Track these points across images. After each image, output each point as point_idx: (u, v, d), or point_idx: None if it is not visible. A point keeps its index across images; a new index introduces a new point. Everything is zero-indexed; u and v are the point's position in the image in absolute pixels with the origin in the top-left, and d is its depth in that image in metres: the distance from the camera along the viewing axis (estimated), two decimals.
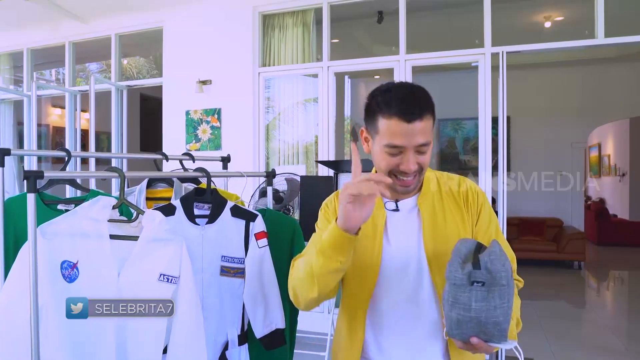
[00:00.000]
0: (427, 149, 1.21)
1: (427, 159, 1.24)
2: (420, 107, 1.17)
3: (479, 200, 1.34)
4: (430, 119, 1.19)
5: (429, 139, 1.20)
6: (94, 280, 1.34)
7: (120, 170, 1.33)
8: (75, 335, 1.36)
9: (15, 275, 1.32)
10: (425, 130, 1.18)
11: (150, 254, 1.33)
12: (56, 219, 1.35)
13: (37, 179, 1.19)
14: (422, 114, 1.17)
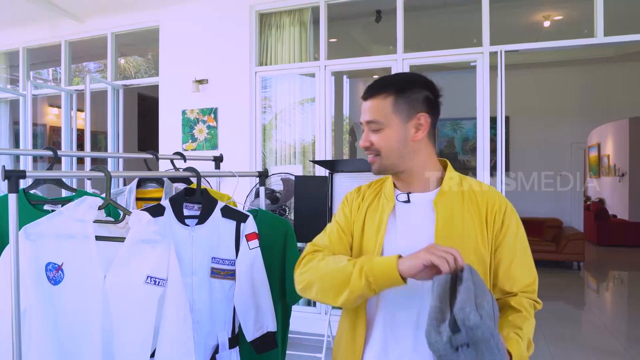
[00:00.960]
0: (377, 127, 1.26)
1: (380, 140, 1.26)
2: (375, 87, 1.27)
3: (506, 212, 1.29)
4: (384, 99, 1.25)
5: (376, 118, 1.25)
6: (79, 283, 1.31)
7: (106, 169, 1.29)
8: (60, 339, 1.32)
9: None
10: (374, 109, 1.26)
11: (137, 256, 1.30)
12: (41, 220, 1.31)
13: (19, 178, 1.15)
14: (374, 93, 1.27)
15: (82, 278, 1.31)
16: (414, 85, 1.29)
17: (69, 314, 1.32)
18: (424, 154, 1.31)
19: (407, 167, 1.30)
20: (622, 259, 8.49)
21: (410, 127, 1.27)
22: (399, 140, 1.27)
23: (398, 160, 1.29)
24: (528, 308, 1.26)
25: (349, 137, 8.12)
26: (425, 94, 1.29)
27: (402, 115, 1.26)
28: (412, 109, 1.27)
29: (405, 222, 1.31)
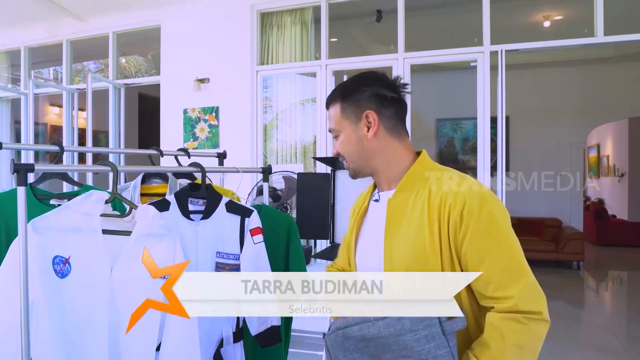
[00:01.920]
0: (336, 134, 1.31)
1: (341, 146, 1.31)
2: (328, 98, 1.34)
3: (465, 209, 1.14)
4: (334, 107, 1.31)
5: (332, 126, 1.32)
6: (86, 276, 1.32)
7: (113, 164, 1.31)
8: (67, 331, 1.34)
9: (4, 271, 1.30)
10: (330, 118, 1.33)
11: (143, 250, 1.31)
12: (48, 214, 1.33)
13: (27, 172, 1.17)
14: (328, 103, 1.33)
15: (89, 271, 1.32)
16: (358, 86, 1.29)
17: (75, 306, 1.33)
18: (389, 150, 1.29)
19: (373, 166, 1.30)
20: (621, 259, 8.51)
21: (362, 128, 1.27)
22: (355, 142, 1.28)
23: (362, 162, 1.30)
24: (498, 326, 1.10)
25: None
26: (371, 91, 1.28)
27: (351, 118, 1.28)
28: (358, 108, 1.27)
29: (369, 223, 1.34)
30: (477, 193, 1.16)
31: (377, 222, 1.28)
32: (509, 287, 1.11)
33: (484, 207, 1.14)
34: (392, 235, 1.23)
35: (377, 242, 1.26)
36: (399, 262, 1.19)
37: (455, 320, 1.06)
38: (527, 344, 1.10)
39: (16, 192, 1.49)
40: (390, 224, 1.24)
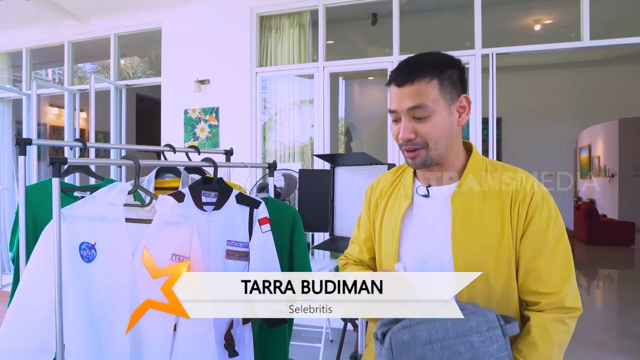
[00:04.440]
0: (422, 113, 1.13)
1: (429, 129, 1.14)
2: (411, 71, 1.14)
3: (532, 202, 1.16)
4: (428, 83, 1.13)
5: (423, 102, 1.12)
6: (110, 261, 1.44)
7: (135, 158, 1.43)
8: (92, 312, 1.46)
9: (36, 257, 1.42)
10: (416, 93, 1.13)
11: (163, 236, 1.43)
12: (75, 204, 1.45)
13: (61, 164, 1.29)
14: (413, 77, 1.13)
15: (113, 256, 1.44)
16: (451, 65, 1.18)
17: (100, 289, 1.45)
18: (460, 141, 1.24)
19: (447, 157, 1.21)
20: (611, 258, 8.68)
21: (454, 111, 1.18)
22: (448, 126, 1.17)
23: (444, 149, 1.19)
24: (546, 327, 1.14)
25: (344, 137, 8.26)
26: (459, 74, 1.19)
27: (447, 99, 1.15)
28: (454, 90, 1.17)
29: (422, 222, 1.24)
30: (541, 190, 1.20)
31: (433, 220, 1.22)
32: (560, 284, 1.15)
33: (545, 203, 1.19)
34: (460, 235, 1.17)
35: (437, 242, 1.19)
36: (471, 263, 1.14)
37: (512, 323, 1.07)
38: (566, 342, 1.18)
39: (42, 185, 1.63)
40: (457, 223, 1.18)
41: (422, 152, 1.16)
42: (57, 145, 1.64)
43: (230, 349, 1.61)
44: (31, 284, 1.40)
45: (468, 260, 1.15)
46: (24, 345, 1.38)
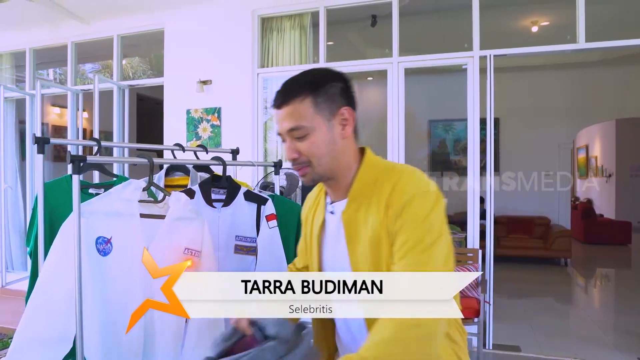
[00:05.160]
0: (301, 133, 1.16)
1: (308, 147, 1.16)
2: (286, 92, 1.18)
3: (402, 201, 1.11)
4: (302, 102, 1.16)
5: (298, 123, 1.15)
6: (125, 254, 1.51)
7: (150, 156, 1.50)
8: (108, 303, 1.53)
9: (55, 251, 1.49)
10: (292, 114, 1.16)
11: (176, 231, 1.51)
12: (92, 200, 1.52)
13: (81, 162, 1.36)
14: (288, 98, 1.17)
15: (128, 250, 1.51)
16: (328, 80, 1.19)
17: (116, 281, 1.52)
18: (351, 153, 1.23)
19: (337, 171, 1.22)
20: (607, 256, 8.78)
21: (335, 125, 1.18)
22: (329, 141, 1.18)
23: (331, 164, 1.20)
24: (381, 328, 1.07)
25: None
26: (341, 86, 1.20)
27: (324, 114, 1.17)
28: (333, 104, 1.18)
29: (330, 239, 1.28)
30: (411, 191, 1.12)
31: (337, 235, 1.24)
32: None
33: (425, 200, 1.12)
34: (353, 249, 1.19)
35: (341, 257, 1.22)
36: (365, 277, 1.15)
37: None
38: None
39: (57, 183, 1.70)
40: (350, 238, 1.20)
41: (308, 169, 1.19)
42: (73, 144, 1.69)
43: None
44: (50, 277, 1.47)
45: (360, 265, 1.17)
46: (45, 334, 1.45)
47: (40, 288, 1.46)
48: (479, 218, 4.14)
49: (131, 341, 1.53)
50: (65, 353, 1.48)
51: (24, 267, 5.78)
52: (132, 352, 1.54)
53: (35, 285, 1.46)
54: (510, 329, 4.39)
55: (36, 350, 1.45)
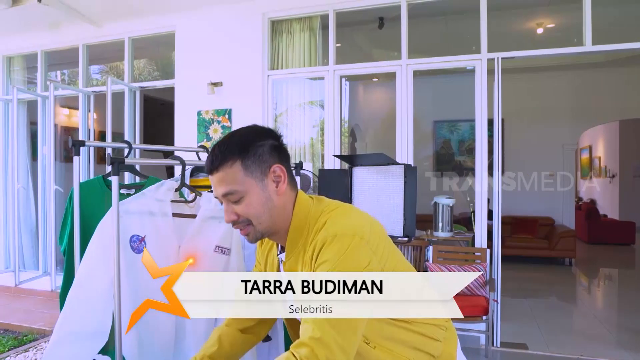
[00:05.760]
0: (236, 197, 1.19)
1: (244, 209, 1.20)
2: (214, 159, 1.19)
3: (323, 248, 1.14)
4: (230, 167, 1.18)
5: (231, 188, 1.18)
6: (158, 252, 1.59)
7: (182, 158, 1.58)
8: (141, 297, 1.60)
9: (93, 249, 1.57)
10: (224, 179, 1.18)
11: (207, 229, 1.58)
12: (127, 200, 1.60)
13: (120, 163, 1.43)
14: (217, 165, 1.18)
15: (161, 248, 1.59)
16: (256, 140, 1.22)
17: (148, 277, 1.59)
18: (290, 205, 1.25)
19: (279, 225, 1.25)
20: (611, 256, 8.84)
21: (269, 184, 1.21)
22: (265, 200, 1.21)
23: (271, 221, 1.23)
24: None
25: (349, 138, 8.40)
26: (270, 143, 1.23)
27: (256, 175, 1.19)
28: (264, 164, 1.21)
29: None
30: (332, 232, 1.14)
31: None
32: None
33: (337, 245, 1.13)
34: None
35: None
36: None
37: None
38: None
39: (88, 183, 1.77)
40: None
41: (250, 228, 1.22)
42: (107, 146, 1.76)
43: None
44: (88, 273, 1.55)
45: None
46: (82, 328, 1.53)
47: (78, 284, 1.54)
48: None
49: (163, 338, 1.60)
50: (101, 346, 1.56)
51: (35, 267, 5.87)
52: (164, 348, 1.61)
53: (74, 281, 1.54)
54: (517, 327, 4.46)
55: (74, 343, 1.52)
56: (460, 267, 4.08)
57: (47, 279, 5.21)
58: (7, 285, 5.70)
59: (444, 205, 4.51)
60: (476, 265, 4.09)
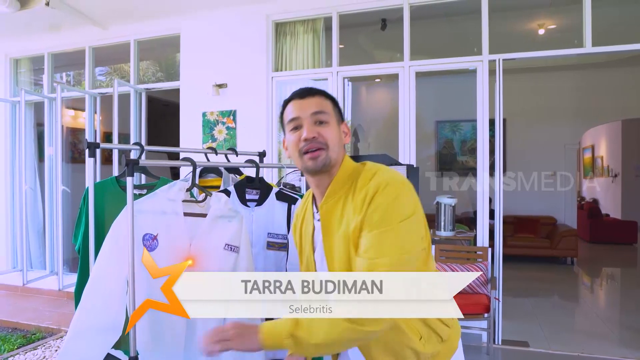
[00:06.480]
0: (324, 118, 1.32)
1: (327, 132, 1.31)
2: (312, 89, 1.36)
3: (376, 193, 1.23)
4: (325, 100, 1.35)
5: (324, 109, 1.32)
6: (170, 250, 1.65)
7: (193, 160, 1.64)
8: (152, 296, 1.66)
9: (107, 246, 1.63)
10: (319, 103, 1.33)
11: (217, 228, 1.64)
12: (140, 200, 1.66)
13: (134, 164, 1.49)
14: (314, 93, 1.35)
15: (173, 246, 1.65)
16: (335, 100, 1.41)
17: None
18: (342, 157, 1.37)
19: (336, 165, 1.35)
20: (613, 256, 8.87)
21: (341, 129, 1.37)
22: (339, 137, 1.35)
23: (337, 155, 1.34)
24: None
25: (352, 138, 8.46)
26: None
27: (337, 118, 1.37)
28: (340, 116, 1.39)
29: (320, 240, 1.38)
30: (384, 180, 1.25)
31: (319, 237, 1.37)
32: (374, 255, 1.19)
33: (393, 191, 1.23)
34: (328, 243, 1.32)
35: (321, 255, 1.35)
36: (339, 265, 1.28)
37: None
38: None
39: (101, 184, 1.83)
40: (325, 231, 1.33)
41: (323, 152, 1.30)
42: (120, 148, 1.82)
43: None
44: (103, 270, 1.61)
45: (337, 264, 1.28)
46: (98, 323, 1.59)
47: (93, 280, 1.60)
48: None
49: (175, 332, 1.66)
50: (115, 340, 1.62)
51: (42, 266, 5.95)
52: (176, 343, 1.67)
53: (89, 278, 1.60)
54: (519, 325, 4.51)
55: (90, 337, 1.58)
56: (462, 266, 4.13)
57: (54, 279, 5.29)
58: (15, 284, 5.78)
59: (446, 205, 4.56)
60: (478, 264, 4.14)
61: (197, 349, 1.67)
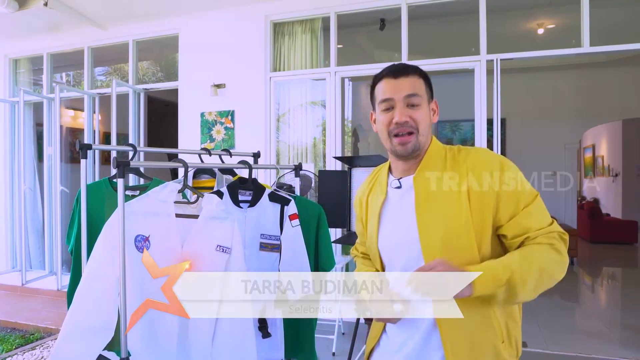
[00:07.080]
0: (417, 101, 1.31)
1: (418, 115, 1.31)
2: (407, 67, 1.33)
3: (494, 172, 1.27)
4: (418, 79, 1.33)
5: (417, 92, 1.31)
6: (162, 251, 1.65)
7: (184, 161, 1.64)
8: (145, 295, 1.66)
9: (99, 247, 1.63)
10: (413, 84, 1.31)
11: (209, 229, 1.64)
12: (132, 201, 1.66)
13: (125, 166, 1.49)
14: (408, 72, 1.32)
15: (164, 247, 1.65)
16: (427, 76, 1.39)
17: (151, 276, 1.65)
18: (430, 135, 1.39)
19: (424, 147, 1.36)
20: (614, 256, 8.84)
21: (430, 109, 1.37)
22: (428, 118, 1.35)
23: (426, 138, 1.35)
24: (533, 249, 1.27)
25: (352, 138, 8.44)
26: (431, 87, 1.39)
27: (428, 97, 1.36)
28: (430, 94, 1.37)
29: (394, 209, 1.38)
30: (496, 158, 1.31)
31: (403, 204, 1.36)
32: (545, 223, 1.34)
33: (509, 169, 1.30)
34: (424, 211, 1.30)
35: (406, 224, 1.32)
36: (435, 236, 1.27)
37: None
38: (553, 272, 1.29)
39: (93, 185, 1.83)
40: (420, 200, 1.31)
41: (413, 137, 1.32)
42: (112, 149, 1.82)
43: (264, 331, 1.81)
44: (95, 271, 1.61)
45: (433, 235, 1.28)
46: (90, 324, 1.59)
47: (85, 281, 1.60)
48: None
49: (167, 334, 1.66)
50: (107, 341, 1.62)
51: (42, 267, 5.95)
52: (168, 344, 1.67)
53: (82, 279, 1.60)
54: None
55: (82, 338, 1.58)
56: None
57: (53, 279, 5.30)
58: (14, 284, 5.79)
59: None
60: None
61: (190, 351, 1.67)
